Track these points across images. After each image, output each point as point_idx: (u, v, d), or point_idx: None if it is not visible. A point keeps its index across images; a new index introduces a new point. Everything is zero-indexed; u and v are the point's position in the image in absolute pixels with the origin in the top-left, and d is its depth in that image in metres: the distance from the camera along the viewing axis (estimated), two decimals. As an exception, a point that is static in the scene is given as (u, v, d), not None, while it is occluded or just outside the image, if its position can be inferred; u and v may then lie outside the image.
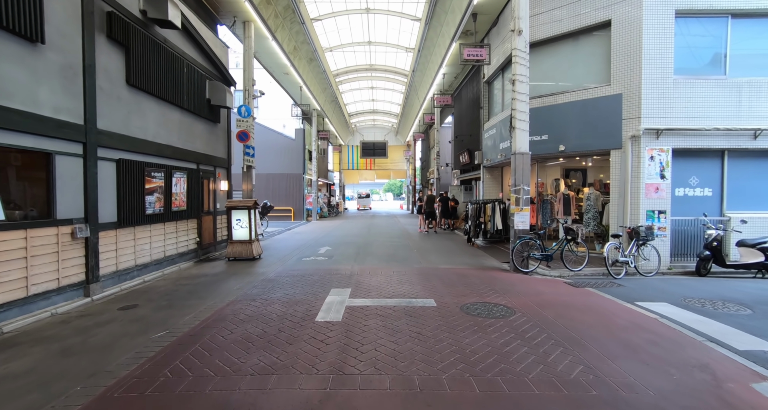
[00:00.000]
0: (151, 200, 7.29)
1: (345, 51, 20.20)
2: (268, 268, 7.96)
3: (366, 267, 7.88)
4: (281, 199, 22.49)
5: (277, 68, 15.51)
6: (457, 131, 17.50)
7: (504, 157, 10.39)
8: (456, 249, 10.81)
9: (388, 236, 14.18)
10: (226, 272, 7.66)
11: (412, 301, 5.27)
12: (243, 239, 9.03)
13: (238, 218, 9.05)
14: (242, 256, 8.98)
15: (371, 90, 26.79)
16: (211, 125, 10.05)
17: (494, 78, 11.91)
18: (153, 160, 7.46)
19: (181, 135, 8.53)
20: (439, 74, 15.77)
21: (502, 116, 10.85)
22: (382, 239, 12.93)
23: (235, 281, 6.79)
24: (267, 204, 15.72)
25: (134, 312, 4.94)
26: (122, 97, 6.60)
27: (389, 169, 37.48)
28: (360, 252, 10.01)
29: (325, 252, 10.03)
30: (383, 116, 34.10)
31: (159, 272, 7.49)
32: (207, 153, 9.78)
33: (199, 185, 9.30)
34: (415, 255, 9.57)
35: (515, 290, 6.00)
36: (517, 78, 7.54)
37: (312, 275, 7.05)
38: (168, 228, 8.02)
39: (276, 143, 22.77)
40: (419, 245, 11.64)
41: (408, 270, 7.53)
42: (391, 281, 6.57)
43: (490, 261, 8.83)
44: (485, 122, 12.64)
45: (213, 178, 10.24)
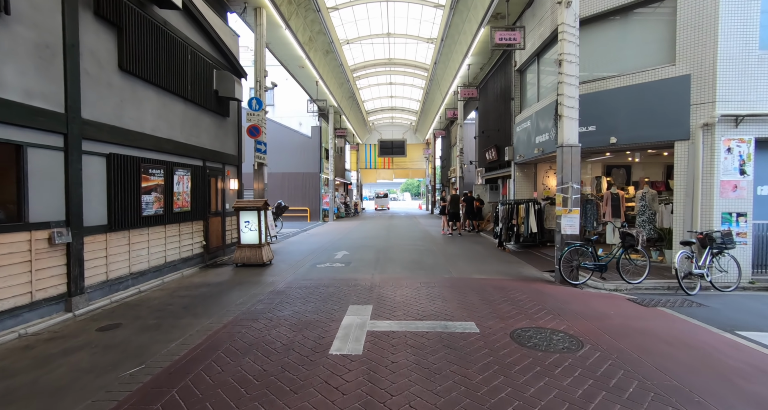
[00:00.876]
0: (148, 200, 6.52)
1: (363, 44, 19.32)
2: (278, 276, 7.10)
3: (388, 277, 6.93)
4: (297, 199, 21.79)
5: (291, 61, 14.72)
6: (483, 126, 16.37)
7: (540, 152, 9.27)
8: (487, 255, 9.74)
9: (409, 238, 13.19)
10: (231, 280, 6.84)
11: (448, 325, 4.28)
12: (252, 243, 8.21)
13: (247, 219, 8.23)
14: (251, 262, 8.16)
15: (389, 86, 25.85)
16: (219, 118, 9.28)
17: (528, 65, 10.77)
18: (151, 155, 6.69)
19: (184, 129, 7.77)
20: (463, 65, 14.69)
21: (538, 106, 9.72)
22: (403, 243, 11.95)
23: (239, 292, 5.94)
24: (281, 204, 14.97)
25: (113, 335, 4.12)
26: (114, 83, 5.83)
27: (408, 168, 36.45)
28: (380, 258, 9.06)
29: (342, 258, 9.13)
30: (402, 114, 33.11)
31: (158, 281, 6.72)
32: (214, 149, 9.01)
33: (205, 184, 8.54)
34: (442, 262, 8.56)
35: (571, 309, 4.93)
36: (564, 58, 6.45)
37: (327, 287, 6.14)
38: (169, 231, 7.26)
39: (292, 141, 22.08)
40: (445, 249, 10.62)
41: (437, 281, 6.54)
42: (419, 295, 5.60)
43: (529, 270, 7.75)
44: (516, 115, 11.51)
45: (221, 176, 9.48)
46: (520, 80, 11.45)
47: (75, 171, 5.05)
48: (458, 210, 14.23)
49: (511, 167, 12.00)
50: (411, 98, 28.35)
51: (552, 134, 8.61)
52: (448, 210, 14.38)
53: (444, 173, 28.80)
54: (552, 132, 8.61)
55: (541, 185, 11.60)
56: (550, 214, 10.46)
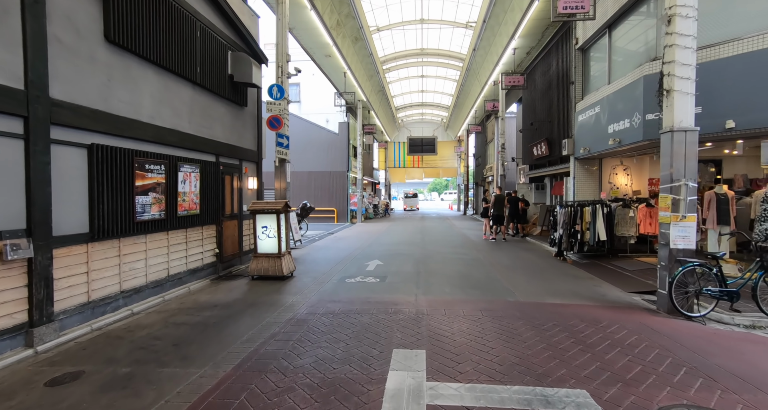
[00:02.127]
0: (145, 201, 5.38)
1: (394, 32, 17.94)
2: (299, 296, 5.81)
3: (436, 299, 5.50)
4: (323, 199, 20.68)
5: (317, 49, 13.52)
6: (529, 117, 14.62)
7: (617, 143, 7.57)
8: (546, 267, 8.14)
9: (448, 244, 11.70)
10: (243, 300, 5.60)
11: (548, 396, 2.82)
12: (270, 252, 6.98)
13: (265, 225, 7.01)
14: (269, 274, 6.93)
15: (421, 79, 24.36)
16: (235, 108, 8.13)
17: (594, 41, 9.05)
18: (149, 148, 5.55)
19: (193, 118, 6.63)
20: (508, 50, 13.02)
21: (611, 88, 8.02)
22: (443, 250, 10.47)
23: (249, 320, 4.67)
24: (307, 205, 13.81)
25: (62, 395, 2.91)
26: (98, 57, 4.70)
27: (438, 166, 34.82)
28: (420, 270, 7.64)
29: (375, 269, 7.77)
30: (432, 109, 31.52)
31: (158, 298, 5.58)
32: (230, 143, 7.86)
33: (218, 183, 7.39)
34: (496, 276, 7.05)
35: (721, 366, 3.35)
36: (677, 12, 4.81)
37: (360, 314, 4.78)
38: (173, 238, 6.12)
39: (318, 137, 21.00)
40: (493, 259, 9.07)
41: (501, 308, 5.05)
42: (485, 332, 4.15)
43: (610, 290, 6.12)
44: (578, 102, 9.79)
45: (238, 174, 8.33)
46: (582, 61, 9.72)
47: (40, 165, 3.92)
48: (503, 212, 12.59)
49: (569, 162, 10.29)
50: (443, 92, 26.74)
51: (635, 120, 6.91)
52: (491, 212, 12.77)
53: (478, 171, 27.02)
54: (635, 118, 6.92)
55: (607, 184, 9.84)
56: (622, 219, 8.71)
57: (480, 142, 26.69)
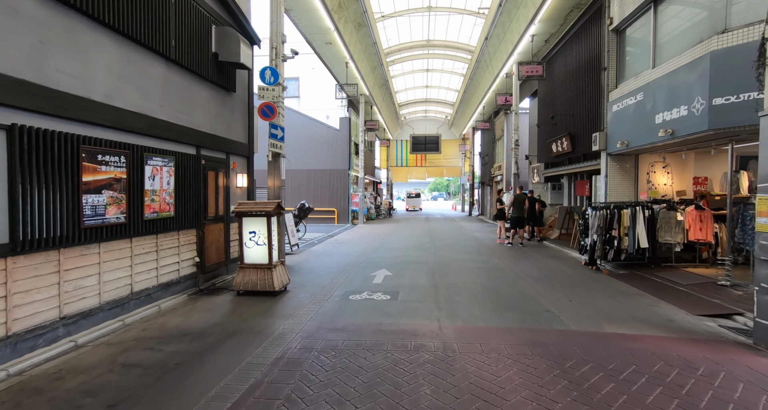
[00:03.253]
0: (97, 202, 4.24)
1: (399, 20, 16.81)
2: (292, 320, 4.66)
3: (466, 327, 4.36)
4: (324, 199, 19.54)
5: (317, 35, 12.38)
6: (547, 111, 13.48)
7: (669, 135, 6.43)
8: (582, 279, 7.00)
9: (461, 249, 10.56)
10: (222, 325, 4.46)
11: None
12: (259, 262, 5.84)
13: (253, 230, 5.87)
14: (258, 289, 5.79)
15: (426, 73, 23.24)
16: (221, 93, 6.99)
17: (634, 19, 7.91)
18: (104, 134, 4.41)
19: (167, 101, 5.49)
20: (525, 36, 11.91)
21: (659, 72, 6.89)
22: (457, 256, 9.34)
23: (225, 359, 3.54)
24: (305, 206, 12.69)
25: None
26: (24, 11, 3.56)
27: (442, 165, 33.72)
28: (438, 283, 6.50)
29: (384, 282, 6.63)
30: (436, 106, 30.42)
31: (116, 322, 4.44)
32: (214, 133, 6.72)
33: (199, 180, 6.25)
34: (531, 292, 5.91)
35: None
36: (788, -44, 3.67)
37: (371, 352, 3.63)
38: (139, 247, 4.98)
39: (318, 134, 19.86)
40: (518, 268, 7.93)
41: (553, 341, 3.92)
42: (545, 385, 3.02)
43: (675, 312, 4.98)
44: (611, 90, 8.66)
45: (225, 170, 7.19)
46: (617, 44, 8.59)
47: (-76, 151, 2.78)
48: (523, 214, 11.45)
49: (599, 159, 9.15)
50: (448, 88, 25.62)
51: (697, 106, 5.78)
52: (509, 214, 11.64)
53: (485, 170, 25.89)
54: (696, 103, 5.78)
55: (643, 182, 8.71)
56: (666, 223, 7.58)
57: (487, 140, 25.56)
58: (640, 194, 8.40)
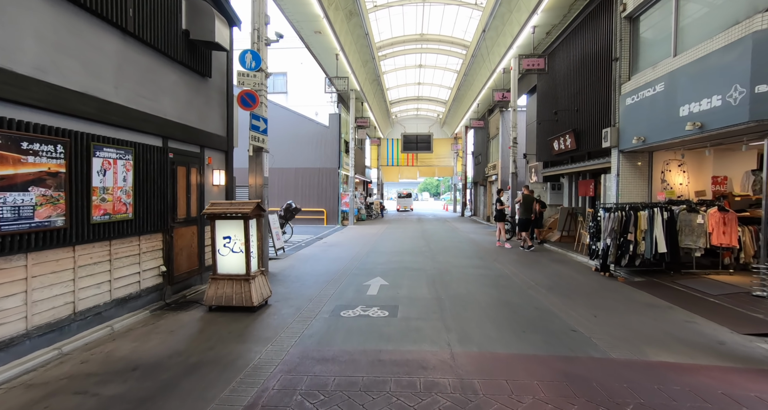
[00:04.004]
0: (22, 201, 3.36)
1: (392, 11, 16.03)
2: (272, 346, 3.84)
3: (483, 355, 3.60)
4: (312, 199, 18.66)
5: (305, 22, 11.52)
6: (549, 107, 12.86)
7: (697, 129, 5.77)
8: (598, 288, 6.32)
9: (460, 253, 9.83)
10: (184, 354, 3.62)
11: None
12: (235, 273, 4.99)
13: (228, 234, 5.02)
14: (233, 304, 4.94)
15: (418, 69, 22.51)
16: (194, 78, 6.12)
17: (651, 3, 7.27)
18: (31, 116, 3.52)
19: (124, 82, 4.61)
20: (527, 28, 11.25)
21: (682, 60, 6.25)
22: (457, 262, 8.60)
23: (180, 406, 2.71)
24: (292, 206, 11.82)
25: None
26: None
27: (434, 165, 33.03)
28: (441, 295, 5.73)
29: (380, 293, 5.84)
30: (428, 104, 29.75)
31: (49, 351, 3.56)
32: (185, 123, 5.85)
33: (165, 176, 5.38)
34: (547, 306, 5.18)
35: None
36: None
37: (370, 395, 2.84)
38: (86, 257, 4.11)
39: (306, 131, 18.97)
40: (525, 275, 7.22)
41: (593, 375, 3.19)
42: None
43: (719, 331, 4.30)
44: (624, 82, 8.02)
45: (199, 165, 6.32)
46: (630, 32, 7.95)
47: None
48: (530, 217, 10.77)
49: (610, 156, 8.51)
50: (441, 85, 24.96)
51: (734, 95, 5.12)
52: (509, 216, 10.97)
53: (479, 170, 25.30)
54: (734, 92, 5.13)
55: (659, 183, 8.08)
56: (686, 226, 6.96)
57: (480, 139, 24.96)
58: (657, 194, 7.77)
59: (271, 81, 26.16)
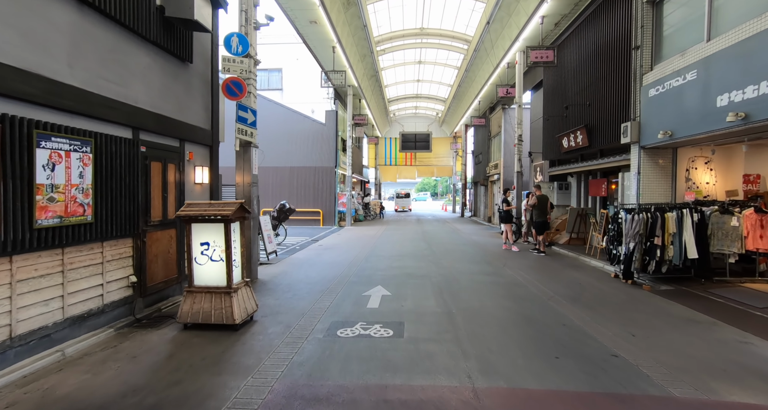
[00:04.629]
0: (-65, 202, 2.64)
1: (391, 4, 15.35)
2: (254, 379, 3.14)
3: (513, 395, 2.92)
4: (308, 199, 17.95)
5: (300, 11, 10.81)
6: (557, 103, 12.22)
7: (740, 120, 5.12)
8: (623, 298, 5.66)
9: (466, 258, 9.16)
10: (144, 387, 2.92)
11: None
12: (214, 285, 4.29)
13: (206, 240, 4.31)
14: (212, 321, 4.23)
15: (418, 65, 21.83)
16: (171, 62, 5.41)
17: (679, -15, 6.64)
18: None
19: (81, 61, 3.90)
20: (535, 17, 10.62)
21: (716, 45, 5.62)
22: (464, 267, 7.92)
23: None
24: (285, 206, 11.12)
25: None
26: None
27: (433, 164, 32.40)
28: (451, 308, 5.05)
29: (382, 306, 5.15)
30: (428, 102, 29.09)
31: (-23, 389, 2.85)
32: (161, 113, 5.15)
33: (136, 172, 4.67)
34: (575, 322, 4.51)
35: None
36: None
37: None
38: (28, 269, 3.39)
39: (302, 128, 18.25)
40: (542, 284, 6.55)
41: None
42: None
43: (783, 355, 3.65)
44: (646, 73, 7.38)
45: (178, 161, 5.62)
46: (652, 17, 7.30)
47: None
48: (546, 218, 10.12)
49: (630, 153, 7.86)
50: (441, 82, 24.30)
51: (788, 81, 4.48)
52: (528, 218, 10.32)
53: (479, 169, 24.66)
54: (787, 77, 4.48)
55: (683, 182, 7.45)
56: (719, 229, 6.32)
57: (481, 137, 24.32)
58: (685, 194, 7.13)
59: (266, 77, 25.42)
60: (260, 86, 24.47)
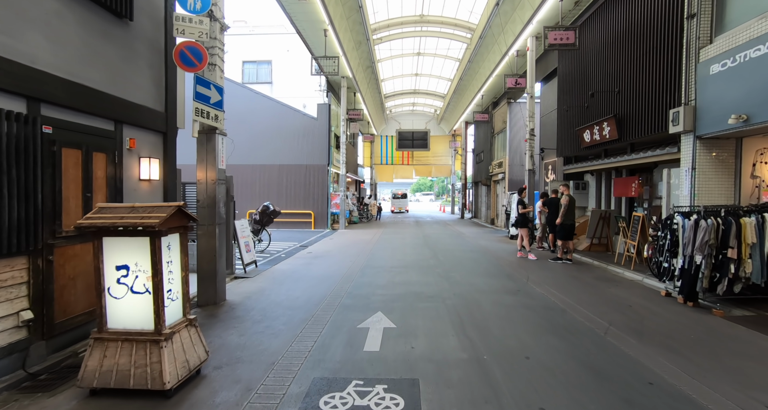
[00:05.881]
0: None
1: (389, -15, 13.98)
2: None
3: None
4: (298, 199, 16.50)
5: (286, -18, 9.40)
6: (579, 91, 10.90)
7: None
8: (699, 330, 4.31)
9: (479, 269, 7.79)
10: None
11: None
12: (136, 328, 2.86)
13: (124, 262, 2.88)
14: (131, 385, 2.80)
15: (417, 57, 20.47)
16: (98, 14, 3.98)
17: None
18: None
19: None
20: (553, -6, 9.30)
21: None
22: (480, 281, 6.55)
23: None
24: (269, 209, 9.72)
25: None
26: None
27: (430, 164, 31.06)
28: (481, 352, 3.65)
29: (384, 347, 3.74)
30: (426, 99, 27.76)
31: None
32: (82, 82, 3.72)
33: (33, 162, 3.23)
34: (665, 379, 3.14)
35: None
36: None
37: None
38: None
39: (292, 123, 16.79)
40: (582, 307, 5.18)
41: None
42: None
43: None
44: (704, 46, 6.06)
45: (113, 150, 4.18)
46: (713, -21, 5.98)
47: None
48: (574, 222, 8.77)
49: (681, 145, 6.54)
50: (440, 76, 22.98)
51: None
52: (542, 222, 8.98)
53: (481, 168, 23.34)
54: None
55: (748, 180, 6.13)
56: (808, 238, 5.00)
57: (483, 134, 23.00)
58: (763, 194, 5.80)
59: (255, 70, 23.87)
60: (248, 79, 22.92)
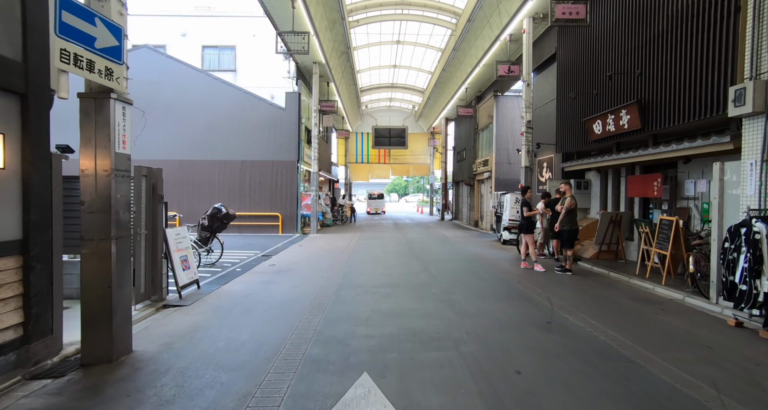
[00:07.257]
0: None
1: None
2: None
3: None
4: (263, 200, 14.55)
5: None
6: (583, 77, 9.59)
7: None
8: None
9: (486, 287, 6.23)
10: None
11: None
12: None
13: None
14: None
15: (396, 46, 18.89)
16: None
17: None
18: None
19: None
20: (562, -40, 7.91)
21: None
22: (495, 310, 4.98)
23: None
24: (221, 212, 7.85)
25: None
26: None
27: (408, 162, 29.57)
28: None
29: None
30: (404, 94, 26.25)
31: None
32: None
33: None
34: None
35: None
36: None
37: None
38: None
39: (256, 113, 14.82)
40: (646, 349, 3.69)
41: None
42: None
43: None
44: (773, 5, 4.73)
45: None
46: None
47: None
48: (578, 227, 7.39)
49: (744, 132, 5.23)
50: (420, 69, 21.53)
51: None
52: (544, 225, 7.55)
53: (462, 167, 22.04)
54: None
55: (828, 175, 4.86)
56: None
57: (465, 131, 21.70)
58: None
59: (216, 56, 21.52)
60: (209, 66, 20.59)
